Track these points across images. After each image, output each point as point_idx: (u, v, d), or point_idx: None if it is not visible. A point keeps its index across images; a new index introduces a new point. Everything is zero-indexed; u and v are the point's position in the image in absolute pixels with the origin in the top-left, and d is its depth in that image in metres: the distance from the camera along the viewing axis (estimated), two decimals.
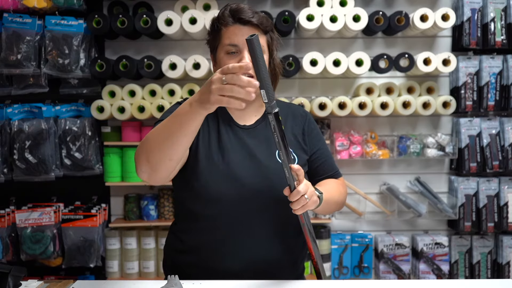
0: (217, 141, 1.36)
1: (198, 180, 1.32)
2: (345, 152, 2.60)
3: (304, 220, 1.30)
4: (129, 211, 2.65)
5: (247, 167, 1.33)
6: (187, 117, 1.09)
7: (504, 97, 2.63)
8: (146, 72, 2.50)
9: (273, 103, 1.11)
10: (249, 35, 1.07)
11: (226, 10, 1.35)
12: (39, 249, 2.49)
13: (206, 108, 1.07)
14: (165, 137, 1.12)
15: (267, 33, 1.38)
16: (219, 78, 1.03)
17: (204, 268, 1.36)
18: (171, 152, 1.14)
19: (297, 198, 1.18)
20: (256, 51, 1.06)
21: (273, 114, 1.12)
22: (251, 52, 1.07)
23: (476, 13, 2.59)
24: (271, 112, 1.12)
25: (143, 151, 1.18)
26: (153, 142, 1.15)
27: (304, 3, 2.58)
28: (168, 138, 1.12)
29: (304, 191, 1.18)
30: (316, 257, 1.39)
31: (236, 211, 1.32)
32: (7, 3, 2.42)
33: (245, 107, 1.40)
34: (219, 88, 1.02)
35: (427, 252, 2.65)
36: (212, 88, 1.03)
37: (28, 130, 2.47)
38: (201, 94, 1.06)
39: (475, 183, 2.65)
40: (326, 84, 2.71)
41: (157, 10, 2.62)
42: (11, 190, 2.63)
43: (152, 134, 1.17)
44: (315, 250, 1.38)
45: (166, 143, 1.12)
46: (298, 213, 1.22)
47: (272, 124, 1.14)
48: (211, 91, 1.03)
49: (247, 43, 1.06)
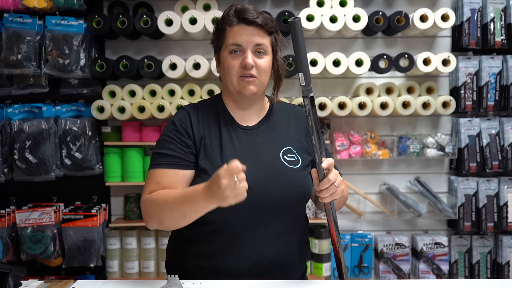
0: (219, 143, 1.36)
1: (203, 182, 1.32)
2: (345, 152, 2.60)
3: (330, 207, 1.32)
4: (129, 211, 2.65)
5: (252, 169, 1.33)
6: (203, 207, 1.19)
7: (504, 97, 2.63)
8: (146, 72, 2.50)
9: (310, 87, 1.13)
10: (292, 17, 1.12)
11: (231, 10, 1.35)
12: (39, 249, 2.49)
13: (222, 203, 1.15)
14: (181, 216, 1.24)
15: (271, 34, 1.39)
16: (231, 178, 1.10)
17: (208, 268, 1.36)
18: (188, 222, 1.27)
19: (327, 187, 1.21)
20: (298, 34, 1.09)
21: (309, 98, 1.14)
22: (293, 34, 1.11)
23: (475, 13, 2.59)
24: (307, 96, 1.14)
25: (154, 215, 1.29)
26: (166, 215, 1.26)
27: (304, 3, 2.58)
28: (185, 217, 1.24)
29: (334, 179, 1.21)
30: (338, 245, 1.41)
31: (241, 213, 1.32)
32: (7, 3, 2.42)
33: (246, 107, 1.42)
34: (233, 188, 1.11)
35: (427, 252, 2.65)
36: (224, 189, 1.11)
37: (29, 130, 2.47)
38: (213, 193, 1.14)
39: (474, 183, 2.65)
40: (326, 84, 2.71)
41: (157, 10, 2.62)
42: (12, 190, 2.63)
43: (163, 207, 1.26)
44: (338, 240, 1.39)
45: (184, 219, 1.25)
46: (326, 201, 1.25)
47: (308, 108, 1.16)
48: (225, 192, 1.11)
49: (290, 24, 1.10)
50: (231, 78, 1.35)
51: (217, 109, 1.43)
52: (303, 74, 1.12)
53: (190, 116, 1.39)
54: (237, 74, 1.34)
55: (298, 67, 1.13)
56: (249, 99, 1.39)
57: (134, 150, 2.58)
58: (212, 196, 1.14)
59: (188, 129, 1.37)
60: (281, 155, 1.37)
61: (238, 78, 1.34)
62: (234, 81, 1.35)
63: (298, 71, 1.12)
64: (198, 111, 1.41)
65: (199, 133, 1.37)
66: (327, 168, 1.20)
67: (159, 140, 1.39)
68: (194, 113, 1.40)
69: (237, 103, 1.42)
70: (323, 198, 1.23)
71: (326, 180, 1.20)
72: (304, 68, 1.11)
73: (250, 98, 1.39)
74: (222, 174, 1.10)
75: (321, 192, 1.22)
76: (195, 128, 1.37)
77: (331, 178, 1.20)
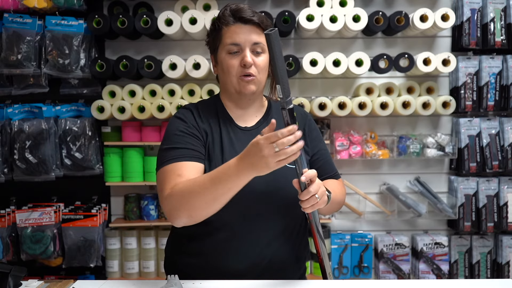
0: (220, 143, 1.36)
1: None
2: (345, 152, 2.60)
3: (313, 217, 1.31)
4: (129, 211, 2.65)
5: None
6: (236, 184, 1.16)
7: (504, 97, 2.63)
8: (146, 72, 2.50)
9: (288, 99, 1.12)
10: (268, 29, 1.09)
11: (227, 10, 1.36)
12: (39, 249, 2.49)
13: (258, 174, 1.14)
14: (211, 200, 1.19)
15: None
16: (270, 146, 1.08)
17: (207, 268, 1.36)
18: (219, 207, 1.22)
19: (307, 198, 1.20)
20: (274, 45, 1.08)
21: (287, 110, 1.13)
22: (269, 46, 1.09)
23: (475, 13, 2.59)
24: (285, 108, 1.13)
25: (182, 208, 1.22)
26: (197, 203, 1.20)
27: (304, 3, 2.58)
28: (216, 199, 1.19)
29: (315, 191, 1.19)
30: (322, 254, 1.40)
31: (241, 212, 1.32)
32: (7, 3, 2.42)
33: (245, 107, 1.42)
34: (274, 155, 1.09)
35: (427, 252, 2.65)
36: (267, 157, 1.09)
37: (29, 130, 2.47)
38: (252, 164, 1.12)
39: (474, 183, 2.65)
40: (326, 84, 2.71)
41: (157, 10, 2.62)
42: (12, 190, 2.63)
43: (192, 195, 1.21)
44: (322, 247, 1.38)
45: (213, 203, 1.20)
46: (307, 211, 1.24)
47: (286, 119, 1.15)
48: (267, 160, 1.09)
49: (266, 37, 1.08)
50: (231, 79, 1.35)
51: (217, 109, 1.43)
52: (280, 86, 1.11)
53: (193, 114, 1.39)
54: (237, 74, 1.34)
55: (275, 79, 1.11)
56: (248, 99, 1.40)
57: (134, 150, 2.58)
58: (250, 168, 1.12)
59: (195, 124, 1.37)
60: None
61: (238, 78, 1.34)
62: (234, 81, 1.35)
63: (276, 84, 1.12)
64: (198, 110, 1.42)
65: (204, 130, 1.37)
66: (310, 180, 1.20)
67: (166, 137, 1.36)
68: (196, 112, 1.41)
69: (236, 103, 1.42)
70: (304, 208, 1.22)
71: (306, 192, 1.19)
72: (282, 80, 1.10)
73: (250, 98, 1.39)
74: (262, 143, 1.09)
75: (302, 203, 1.22)
76: (200, 125, 1.38)
77: (311, 190, 1.19)
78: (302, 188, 1.20)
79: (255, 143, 1.10)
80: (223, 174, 1.16)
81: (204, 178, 1.20)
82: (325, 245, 1.40)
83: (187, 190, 1.21)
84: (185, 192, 1.21)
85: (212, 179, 1.18)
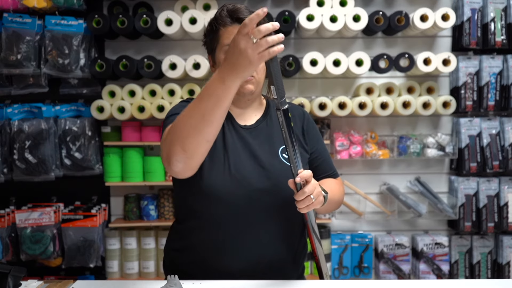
0: (222, 140, 1.36)
1: (202, 179, 1.32)
2: (345, 152, 2.60)
3: (308, 218, 1.31)
4: (129, 211, 2.65)
5: (251, 167, 1.33)
6: (223, 92, 1.07)
7: (504, 97, 2.63)
8: (146, 72, 2.49)
9: (283, 100, 1.12)
10: None
11: (223, 11, 1.35)
12: (39, 249, 2.49)
13: (243, 76, 1.05)
14: (200, 118, 1.10)
15: None
16: (246, 38, 1.00)
17: (205, 267, 1.36)
18: (209, 131, 1.13)
19: (302, 198, 1.19)
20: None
21: (282, 110, 1.12)
22: None
23: (476, 13, 2.59)
24: (280, 109, 1.12)
25: (175, 140, 1.15)
26: (187, 128, 1.13)
27: (304, 3, 2.58)
28: (205, 117, 1.10)
29: (310, 191, 1.19)
30: (318, 254, 1.40)
31: (240, 211, 1.32)
32: (7, 3, 2.42)
33: (244, 106, 1.42)
34: (254, 47, 1.00)
35: (427, 252, 2.65)
36: (245, 50, 1.00)
37: (28, 130, 2.47)
38: (233, 64, 1.03)
39: (475, 183, 2.65)
40: (326, 84, 2.71)
41: (157, 10, 2.62)
42: (11, 190, 2.63)
43: (183, 120, 1.14)
44: (318, 247, 1.38)
45: (203, 123, 1.11)
46: (303, 212, 1.23)
47: (281, 120, 1.14)
48: (247, 54, 1.00)
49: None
50: None
51: None
52: (274, 87, 1.10)
53: None
54: None
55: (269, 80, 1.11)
56: (247, 99, 1.40)
57: (134, 150, 2.58)
58: (233, 69, 1.04)
59: None
60: (280, 153, 1.37)
61: None
62: None
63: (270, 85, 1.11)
64: None
65: None
66: (305, 180, 1.19)
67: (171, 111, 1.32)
68: None
69: (235, 103, 1.41)
70: (300, 209, 1.22)
71: (301, 192, 1.19)
72: (276, 80, 1.09)
73: (249, 98, 1.39)
74: (236, 37, 1.02)
75: (297, 203, 1.22)
76: None
77: (306, 190, 1.18)
78: (297, 188, 1.20)
79: (231, 41, 1.05)
80: (209, 86, 1.11)
81: (193, 100, 1.15)
82: (321, 245, 1.40)
83: (178, 119, 1.17)
84: (176, 122, 1.17)
85: (199, 96, 1.12)
